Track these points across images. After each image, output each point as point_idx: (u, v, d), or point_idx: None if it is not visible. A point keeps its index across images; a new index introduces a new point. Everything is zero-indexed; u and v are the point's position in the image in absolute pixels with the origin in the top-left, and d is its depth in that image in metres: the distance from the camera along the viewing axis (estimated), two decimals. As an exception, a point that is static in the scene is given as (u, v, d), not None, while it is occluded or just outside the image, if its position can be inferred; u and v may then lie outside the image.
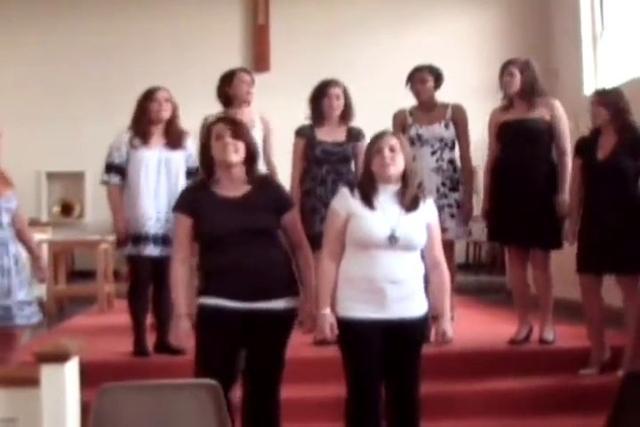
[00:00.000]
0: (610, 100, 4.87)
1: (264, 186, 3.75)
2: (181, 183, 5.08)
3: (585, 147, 5.01)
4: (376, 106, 6.55)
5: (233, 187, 3.67)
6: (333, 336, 3.59)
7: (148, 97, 5.16)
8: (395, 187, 3.65)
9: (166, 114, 5.16)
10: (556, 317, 5.49)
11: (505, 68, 5.35)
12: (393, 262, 3.54)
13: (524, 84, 5.29)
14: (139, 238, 5.08)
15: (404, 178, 3.65)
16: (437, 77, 5.62)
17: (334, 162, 5.42)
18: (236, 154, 3.63)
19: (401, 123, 5.59)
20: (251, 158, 3.71)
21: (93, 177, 8.17)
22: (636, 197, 4.86)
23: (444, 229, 5.03)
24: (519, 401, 4.72)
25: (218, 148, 3.64)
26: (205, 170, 3.77)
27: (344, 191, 3.69)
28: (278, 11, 11.46)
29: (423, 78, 5.58)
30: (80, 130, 11.06)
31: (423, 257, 3.69)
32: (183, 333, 3.62)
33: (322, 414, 4.35)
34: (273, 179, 4.40)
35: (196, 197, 3.69)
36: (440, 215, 4.15)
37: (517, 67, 5.31)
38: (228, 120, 3.83)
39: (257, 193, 3.68)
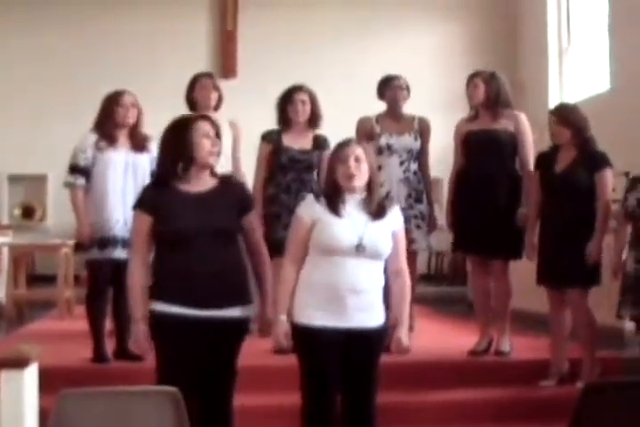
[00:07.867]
0: (570, 120, 4.93)
1: (229, 184, 3.72)
2: None
3: (544, 161, 5.08)
4: (345, 113, 6.54)
5: (198, 182, 3.61)
6: (288, 344, 3.56)
7: (114, 101, 5.14)
8: (360, 196, 3.64)
9: (132, 119, 5.15)
10: (515, 328, 5.52)
11: (470, 80, 5.43)
12: (357, 271, 3.52)
13: (488, 95, 5.35)
14: (105, 241, 5.03)
15: (369, 187, 3.64)
16: (408, 88, 5.66)
17: (299, 170, 5.42)
18: (219, 156, 3.64)
19: (366, 131, 5.58)
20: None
21: (56, 180, 8.03)
22: (590, 210, 4.89)
23: (410, 240, 5.04)
24: (477, 412, 4.73)
25: (204, 147, 3.55)
26: (172, 165, 3.59)
27: (309, 198, 3.68)
28: (247, 17, 11.46)
29: (401, 86, 5.62)
30: (43, 132, 10.96)
31: (385, 269, 3.66)
32: (142, 337, 3.52)
33: (280, 423, 4.31)
34: (237, 179, 4.35)
35: (159, 194, 3.58)
36: (407, 226, 4.15)
37: (482, 78, 5.38)
38: (209, 119, 3.72)
39: (222, 190, 3.64)
